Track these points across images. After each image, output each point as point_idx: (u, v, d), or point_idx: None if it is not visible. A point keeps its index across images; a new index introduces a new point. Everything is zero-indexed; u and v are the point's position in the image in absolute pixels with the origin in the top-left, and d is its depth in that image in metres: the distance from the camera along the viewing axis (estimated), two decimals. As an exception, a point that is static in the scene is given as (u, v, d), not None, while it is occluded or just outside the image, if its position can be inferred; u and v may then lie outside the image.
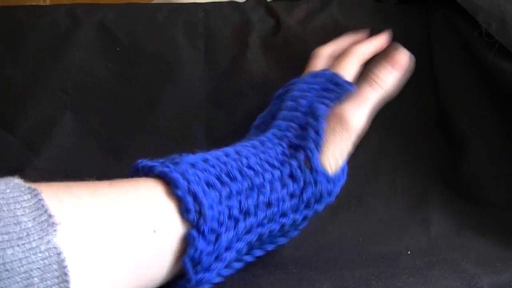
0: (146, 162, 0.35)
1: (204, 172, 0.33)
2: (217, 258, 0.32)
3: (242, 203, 0.33)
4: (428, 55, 0.54)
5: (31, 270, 0.24)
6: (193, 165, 0.33)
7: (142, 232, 0.30)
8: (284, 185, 0.35)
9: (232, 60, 0.54)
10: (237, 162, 0.34)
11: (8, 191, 0.25)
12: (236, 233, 0.32)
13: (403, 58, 0.42)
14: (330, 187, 0.37)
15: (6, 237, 0.23)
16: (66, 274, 0.25)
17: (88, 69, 0.54)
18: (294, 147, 0.37)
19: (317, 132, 0.37)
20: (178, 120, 0.53)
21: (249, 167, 0.35)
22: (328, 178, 0.36)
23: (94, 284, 0.27)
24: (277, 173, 0.35)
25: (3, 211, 0.24)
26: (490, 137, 0.49)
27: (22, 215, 0.24)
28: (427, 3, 0.55)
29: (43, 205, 0.25)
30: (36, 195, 0.26)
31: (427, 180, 0.50)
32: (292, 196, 0.35)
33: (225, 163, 0.34)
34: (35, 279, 0.24)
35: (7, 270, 0.23)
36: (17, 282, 0.23)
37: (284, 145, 0.37)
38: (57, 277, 0.24)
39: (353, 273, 0.36)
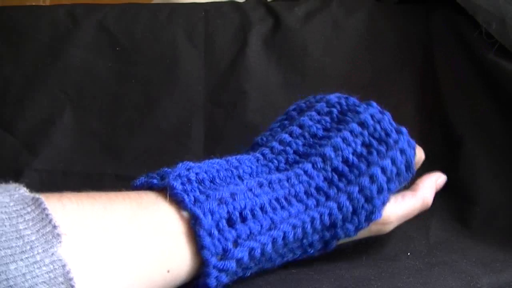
0: (177, 180, 0.31)
1: (228, 206, 0.31)
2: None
3: (255, 240, 0.31)
4: (428, 55, 0.54)
5: (36, 284, 0.23)
6: (220, 200, 0.31)
7: (154, 268, 0.29)
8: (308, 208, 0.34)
9: (232, 60, 0.54)
10: (267, 197, 0.33)
11: (12, 204, 0.24)
12: (247, 267, 0.32)
13: (443, 182, 0.44)
14: None
15: (8, 251, 0.23)
16: (72, 287, 0.24)
17: (87, 69, 0.54)
18: (328, 227, 0.35)
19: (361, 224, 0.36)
20: (177, 120, 0.53)
21: (277, 199, 0.34)
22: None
23: None
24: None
25: (5, 226, 0.23)
26: (490, 137, 0.49)
27: (25, 228, 0.24)
28: (427, 3, 0.55)
29: (47, 215, 0.25)
30: (39, 205, 0.25)
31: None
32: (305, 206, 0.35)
33: (257, 197, 0.33)
34: None
35: (10, 286, 0.22)
36: None
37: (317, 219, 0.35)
38: None
39: (353, 273, 0.36)
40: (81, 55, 0.54)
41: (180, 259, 0.30)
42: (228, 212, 0.31)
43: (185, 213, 0.31)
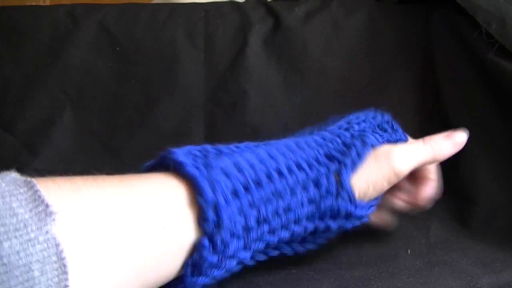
0: (178, 154, 0.33)
1: (233, 180, 0.31)
2: (217, 266, 0.31)
3: (261, 212, 0.32)
4: (428, 55, 0.54)
5: (31, 263, 0.23)
6: (224, 172, 0.32)
7: (151, 227, 0.29)
8: (304, 189, 0.34)
9: (232, 60, 0.54)
10: (266, 165, 0.34)
11: (3, 185, 0.24)
12: (245, 243, 0.31)
13: (462, 139, 0.43)
14: (351, 208, 0.35)
15: (2, 229, 0.22)
16: (65, 266, 0.24)
17: (87, 69, 0.54)
18: (330, 158, 0.36)
19: (359, 155, 0.36)
20: (177, 119, 0.53)
21: (277, 169, 0.34)
22: (351, 198, 0.35)
23: (96, 277, 0.26)
24: (302, 175, 0.34)
25: None
26: (490, 137, 0.49)
27: (18, 206, 0.24)
28: (427, 3, 0.55)
29: (39, 196, 0.24)
30: (32, 187, 0.25)
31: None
32: (310, 201, 0.34)
33: (253, 167, 0.33)
34: (36, 272, 0.23)
35: (4, 264, 0.22)
36: (16, 277, 0.22)
37: (321, 152, 0.36)
38: (57, 269, 0.23)
39: (353, 273, 0.36)
40: (81, 55, 0.54)
41: (177, 219, 0.30)
42: (232, 184, 0.31)
43: (184, 183, 0.31)
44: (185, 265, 0.30)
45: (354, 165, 0.36)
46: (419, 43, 0.55)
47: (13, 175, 0.25)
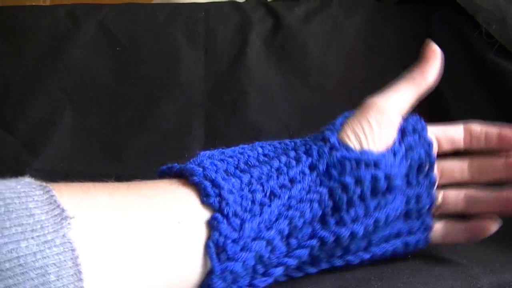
0: (167, 165, 0.34)
1: (222, 162, 0.32)
2: (243, 248, 0.30)
3: (265, 186, 0.32)
4: (428, 55, 0.54)
5: (47, 265, 0.22)
6: (210, 157, 0.33)
7: (165, 225, 0.28)
8: (298, 160, 0.34)
9: (232, 60, 0.54)
10: (253, 152, 0.34)
11: (19, 187, 0.24)
12: (263, 220, 0.31)
13: (436, 52, 0.41)
14: (362, 157, 0.34)
15: (19, 229, 0.21)
16: (80, 273, 0.23)
17: (87, 68, 0.54)
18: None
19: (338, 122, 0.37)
20: (178, 119, 0.53)
21: (265, 155, 0.35)
22: (348, 148, 0.34)
23: (111, 285, 0.25)
24: (292, 153, 0.35)
25: (15, 203, 0.22)
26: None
27: (35, 207, 0.23)
28: (427, 3, 0.55)
29: (55, 201, 0.24)
30: (48, 192, 0.24)
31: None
32: (310, 168, 0.34)
33: (242, 153, 0.34)
34: (52, 276, 0.22)
35: (20, 265, 0.21)
36: (32, 279, 0.21)
37: (308, 139, 0.37)
38: (72, 275, 0.22)
39: (353, 273, 0.36)
40: (81, 55, 0.54)
41: (186, 208, 0.29)
42: (220, 161, 0.32)
43: (184, 174, 0.31)
44: (208, 248, 0.29)
45: (334, 125, 0.36)
46: (419, 43, 0.55)
47: (27, 179, 0.25)
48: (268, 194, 0.32)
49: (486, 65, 0.47)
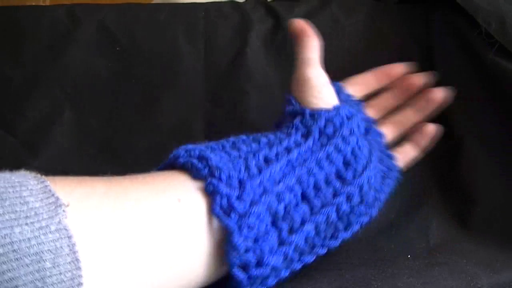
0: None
1: (206, 147, 0.34)
2: (252, 203, 0.30)
3: (257, 155, 0.33)
4: (428, 55, 0.54)
5: (42, 252, 0.21)
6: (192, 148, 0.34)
7: (165, 204, 0.28)
8: (289, 134, 0.36)
9: (232, 60, 0.54)
10: (238, 139, 0.36)
11: (13, 177, 0.24)
12: (265, 179, 0.31)
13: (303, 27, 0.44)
14: (341, 112, 0.37)
15: (13, 215, 0.21)
16: (78, 261, 0.22)
17: (87, 69, 0.54)
18: None
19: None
20: (177, 120, 0.53)
21: (253, 139, 0.36)
22: (326, 110, 0.37)
23: (111, 274, 0.25)
24: (278, 133, 0.37)
25: (9, 192, 0.22)
26: (490, 137, 0.49)
27: (29, 195, 0.23)
28: (427, 3, 0.55)
29: (50, 190, 0.24)
30: (42, 182, 0.24)
31: (426, 182, 0.50)
32: (303, 137, 0.36)
33: (227, 141, 0.36)
34: (47, 263, 0.21)
35: (14, 250, 0.20)
36: (27, 265, 0.21)
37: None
38: (69, 263, 0.22)
39: (353, 273, 0.36)
40: (81, 55, 0.54)
41: (184, 190, 0.30)
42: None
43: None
44: (216, 215, 0.29)
45: None
46: (419, 43, 0.55)
47: (22, 172, 0.25)
48: (261, 160, 0.32)
49: (486, 65, 0.47)
